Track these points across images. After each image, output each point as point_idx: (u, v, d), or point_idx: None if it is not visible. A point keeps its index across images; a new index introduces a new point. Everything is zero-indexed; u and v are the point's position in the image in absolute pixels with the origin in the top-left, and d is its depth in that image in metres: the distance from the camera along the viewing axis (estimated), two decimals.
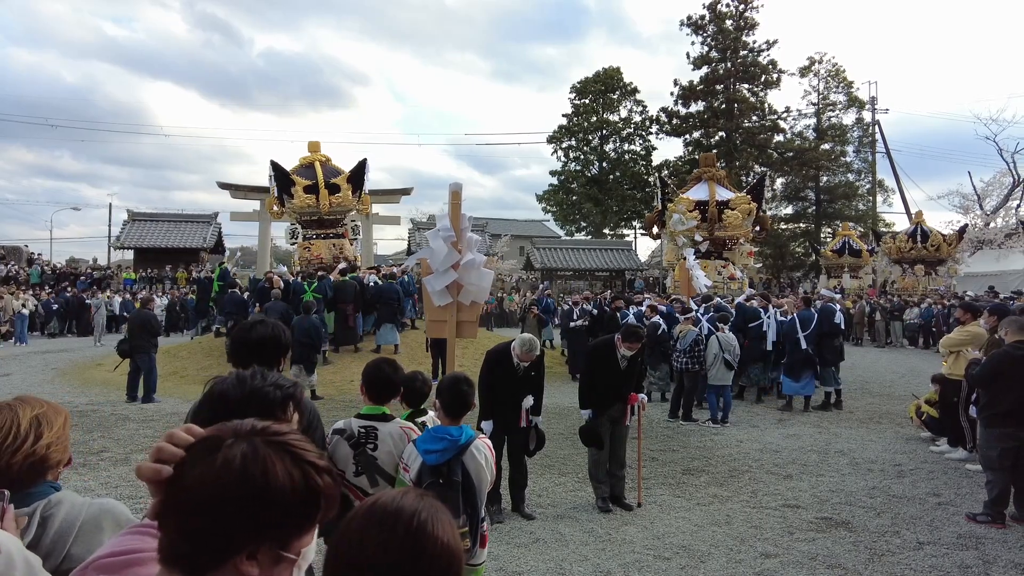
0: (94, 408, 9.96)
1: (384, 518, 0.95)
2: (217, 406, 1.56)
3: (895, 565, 4.64)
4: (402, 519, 0.95)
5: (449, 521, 0.98)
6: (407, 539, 0.93)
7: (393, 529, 0.94)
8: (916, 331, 21.19)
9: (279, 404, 1.59)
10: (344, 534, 0.96)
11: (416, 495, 1.00)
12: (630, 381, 5.94)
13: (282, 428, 1.00)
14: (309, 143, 16.43)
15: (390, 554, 0.92)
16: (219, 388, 1.61)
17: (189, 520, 0.89)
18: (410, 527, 0.94)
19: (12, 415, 1.61)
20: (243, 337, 2.60)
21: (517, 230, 45.77)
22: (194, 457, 0.94)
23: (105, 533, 1.57)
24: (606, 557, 4.76)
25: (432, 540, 0.94)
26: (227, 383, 1.62)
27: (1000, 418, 5.48)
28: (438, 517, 0.97)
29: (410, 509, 0.97)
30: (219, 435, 0.95)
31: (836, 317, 10.73)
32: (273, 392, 1.60)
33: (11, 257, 30.24)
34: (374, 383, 3.12)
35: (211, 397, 1.62)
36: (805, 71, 40.02)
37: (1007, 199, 32.57)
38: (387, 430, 3.10)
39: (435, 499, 1.02)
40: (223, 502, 0.88)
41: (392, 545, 0.93)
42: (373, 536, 0.94)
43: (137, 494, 5.98)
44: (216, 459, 0.91)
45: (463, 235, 5.29)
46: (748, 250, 18.01)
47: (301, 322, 10.95)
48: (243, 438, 0.94)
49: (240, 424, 0.98)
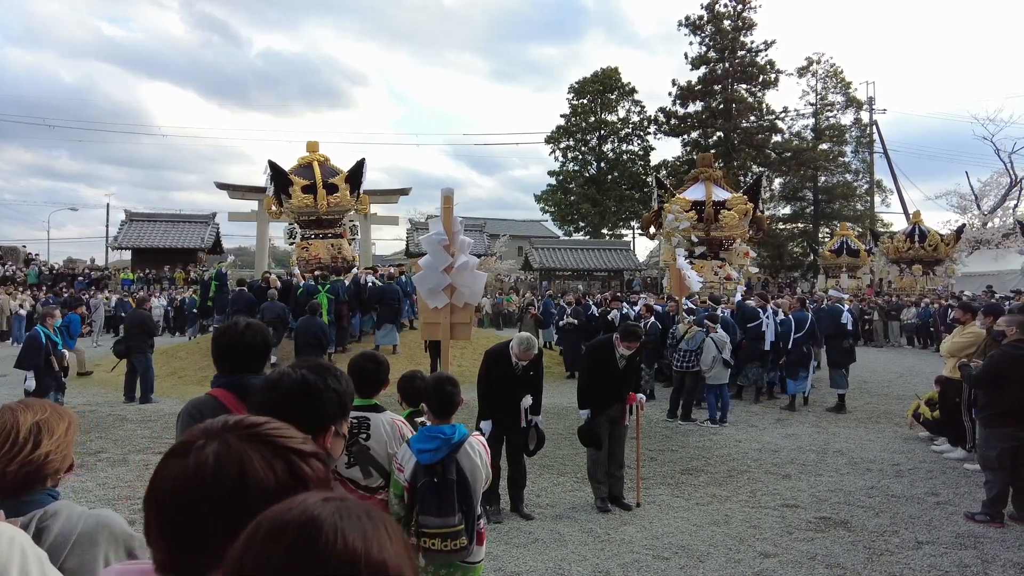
0: (92, 409, 9.94)
1: (269, 530, 0.75)
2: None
3: (894, 565, 4.64)
4: (289, 529, 0.74)
5: (370, 525, 0.75)
6: (293, 552, 0.72)
7: (276, 542, 0.74)
8: (914, 331, 21.22)
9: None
10: (230, 551, 0.77)
11: (318, 499, 0.78)
12: (628, 381, 5.94)
13: (257, 419, 0.96)
14: (307, 143, 16.42)
15: (270, 572, 0.73)
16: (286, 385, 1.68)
17: (173, 528, 0.87)
18: (298, 538, 0.73)
19: (12, 420, 1.57)
20: (233, 341, 2.51)
21: (515, 230, 45.77)
22: (166, 463, 0.91)
23: (100, 547, 1.54)
24: (605, 557, 4.76)
25: (330, 551, 0.71)
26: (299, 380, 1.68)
27: (999, 418, 5.48)
28: (344, 520, 0.74)
29: (300, 517, 0.74)
30: (188, 438, 0.92)
31: (843, 318, 10.53)
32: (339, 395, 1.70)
33: (8, 257, 30.16)
34: (357, 378, 3.12)
35: (264, 389, 1.69)
36: (803, 71, 40.11)
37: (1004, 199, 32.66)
38: (379, 420, 3.11)
39: (352, 501, 0.79)
40: (201, 504, 0.85)
41: (273, 562, 0.72)
42: (253, 553, 0.74)
43: (134, 495, 5.96)
44: (188, 462, 0.88)
45: (456, 238, 5.30)
46: (744, 250, 18.02)
47: (307, 323, 10.92)
48: (214, 436, 0.91)
49: (211, 423, 0.95)
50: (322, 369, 1.72)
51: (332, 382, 1.69)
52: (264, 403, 1.62)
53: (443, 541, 2.93)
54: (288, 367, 1.72)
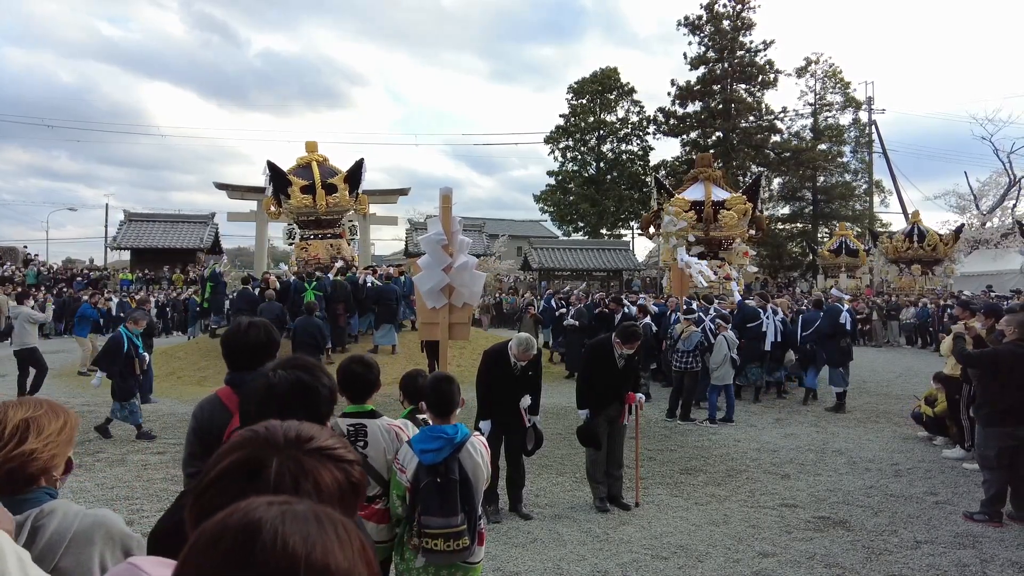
0: (90, 409, 9.92)
1: (210, 536, 0.72)
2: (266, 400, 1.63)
3: (893, 564, 4.64)
4: (227, 535, 0.71)
5: (316, 529, 0.72)
6: (230, 557, 0.69)
7: (214, 549, 0.71)
8: (912, 331, 21.24)
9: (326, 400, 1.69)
10: (177, 564, 0.75)
11: (263, 501, 0.75)
12: (627, 381, 5.94)
13: (312, 432, 0.98)
14: (306, 143, 16.41)
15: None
16: (269, 382, 1.67)
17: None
18: (235, 544, 0.70)
19: (3, 415, 1.56)
20: (238, 339, 2.66)
21: (514, 230, 45.75)
22: (230, 488, 0.88)
23: (96, 547, 1.53)
24: (604, 557, 4.76)
25: (268, 554, 0.68)
26: (279, 378, 1.68)
27: (999, 416, 5.48)
28: (287, 524, 0.71)
29: (240, 521, 0.72)
30: (257, 456, 0.92)
31: (842, 317, 10.67)
32: (322, 388, 1.69)
33: (7, 258, 30.15)
34: (345, 382, 3.12)
35: (260, 392, 1.67)
36: (802, 71, 40.12)
37: (1003, 199, 32.69)
38: (376, 427, 3.07)
39: (300, 504, 0.76)
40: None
41: (211, 567, 0.70)
42: (192, 560, 0.72)
43: (133, 495, 5.96)
44: (258, 482, 0.89)
45: (454, 238, 5.30)
46: (744, 250, 18.04)
47: (303, 322, 10.90)
48: (283, 453, 0.93)
49: (271, 436, 0.95)
50: (311, 367, 1.74)
51: (323, 379, 1.72)
52: (262, 406, 1.62)
53: (446, 541, 2.92)
54: (278, 368, 1.72)
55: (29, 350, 10.53)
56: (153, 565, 1.10)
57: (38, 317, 11.02)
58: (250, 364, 2.64)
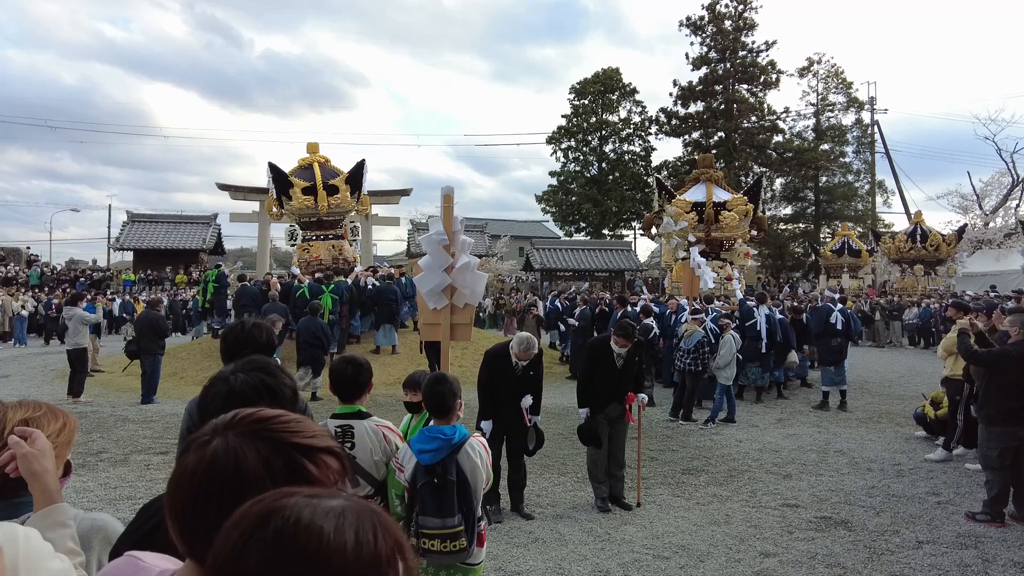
0: (93, 409, 9.95)
1: (254, 519, 0.74)
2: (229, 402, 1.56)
3: (894, 564, 4.63)
4: (274, 518, 0.73)
5: (365, 522, 0.74)
6: (275, 544, 0.71)
7: (258, 531, 0.72)
8: (915, 331, 21.21)
9: (289, 399, 1.62)
10: (218, 541, 0.76)
11: (308, 492, 0.77)
12: (627, 380, 5.92)
13: (270, 413, 0.96)
14: (308, 144, 16.44)
15: (249, 561, 0.71)
16: (229, 387, 1.60)
17: (181, 521, 0.91)
18: (283, 529, 0.72)
19: (2, 415, 1.56)
20: (238, 338, 2.67)
21: (516, 231, 45.74)
22: (180, 458, 0.95)
23: (94, 552, 1.53)
24: (605, 557, 4.76)
25: (313, 544, 0.71)
26: (238, 381, 1.61)
27: (1001, 416, 5.47)
28: (340, 519, 0.73)
29: (288, 507, 0.74)
30: (198, 433, 0.95)
31: (832, 317, 10.88)
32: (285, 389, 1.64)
33: (11, 259, 30.24)
34: (335, 383, 3.12)
35: (221, 396, 1.60)
36: (804, 72, 40.09)
37: (1006, 199, 32.60)
38: (363, 428, 3.07)
39: (355, 500, 0.78)
40: (203, 500, 0.88)
41: (254, 551, 0.71)
42: (232, 540, 0.73)
43: (136, 495, 5.97)
44: (189, 458, 0.91)
45: (456, 238, 5.31)
46: (745, 251, 18.03)
47: (307, 323, 10.90)
48: (219, 432, 0.93)
49: (222, 417, 0.96)
50: (271, 368, 1.67)
51: (284, 379, 1.66)
52: (224, 410, 1.57)
53: (442, 542, 2.91)
54: (238, 371, 1.63)
55: (81, 350, 10.84)
56: (153, 557, 1.11)
57: (89, 318, 11.23)
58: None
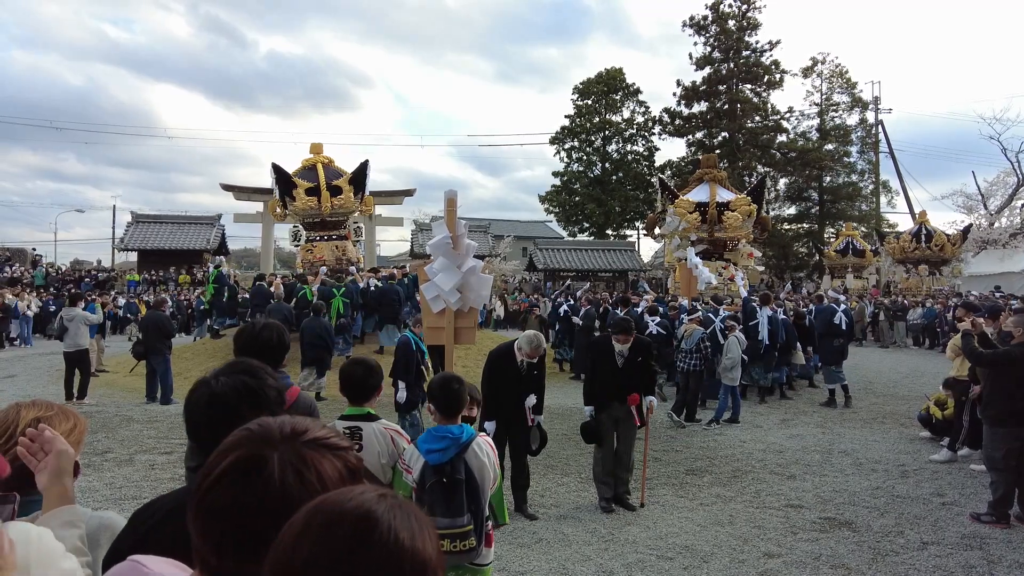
0: (98, 409, 9.99)
1: (325, 519, 0.77)
2: (215, 407, 1.54)
3: (899, 565, 4.63)
4: (347, 519, 0.77)
5: (416, 523, 0.79)
6: (349, 543, 0.75)
7: (332, 532, 0.76)
8: (919, 331, 21.14)
9: (276, 402, 1.59)
10: (280, 538, 0.79)
11: (373, 493, 0.81)
12: (630, 378, 5.88)
13: (306, 425, 0.99)
14: (311, 145, 16.48)
15: (325, 561, 0.75)
16: (214, 390, 1.57)
17: (239, 539, 0.90)
18: (356, 529, 0.76)
19: (15, 415, 1.59)
20: (251, 339, 2.69)
21: (520, 231, 45.74)
22: (234, 478, 0.92)
23: (101, 549, 1.53)
24: (609, 557, 4.76)
25: (383, 545, 0.75)
26: (222, 385, 1.58)
27: (1005, 417, 5.45)
28: (397, 517, 0.78)
29: (358, 508, 0.78)
30: (251, 451, 0.94)
31: (836, 318, 10.94)
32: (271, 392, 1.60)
33: (16, 259, 30.37)
34: (345, 384, 3.12)
35: (203, 401, 1.57)
36: (808, 71, 39.93)
37: (1011, 199, 32.42)
38: (371, 430, 3.07)
39: (400, 499, 0.83)
40: (281, 516, 0.86)
41: (329, 551, 0.75)
42: (308, 541, 0.76)
43: (140, 495, 5.99)
44: (264, 476, 0.91)
45: (459, 241, 5.34)
46: (748, 251, 18.00)
47: (311, 324, 10.90)
48: (281, 447, 0.94)
49: (266, 432, 0.96)
50: (254, 370, 1.64)
51: (268, 380, 1.62)
52: (208, 415, 1.53)
53: (452, 542, 2.92)
54: (219, 375, 1.61)
55: (81, 352, 10.71)
56: (156, 562, 1.12)
57: (92, 319, 11.19)
58: (265, 362, 2.68)
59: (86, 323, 10.80)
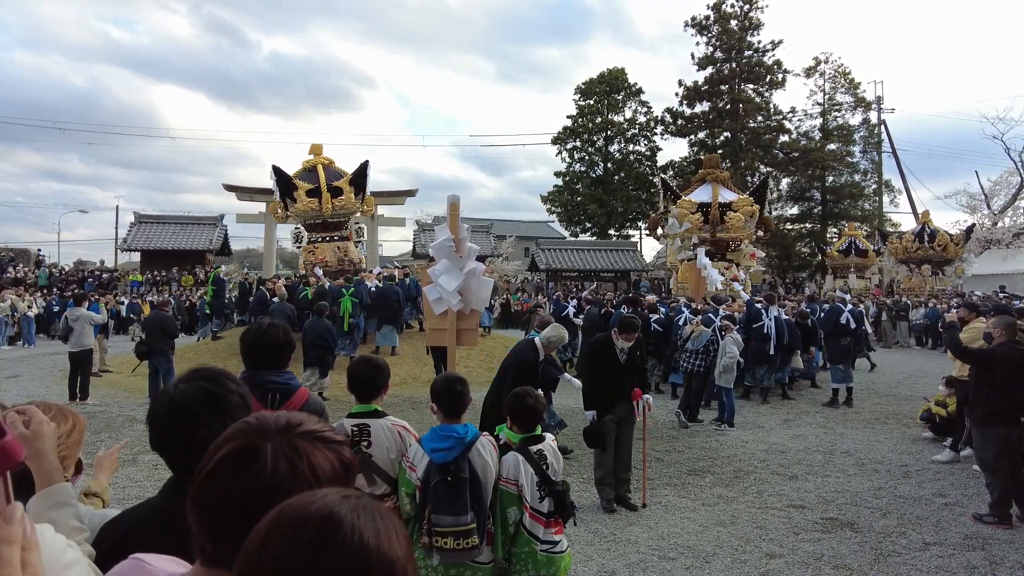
0: (102, 409, 10.01)
1: (291, 523, 0.78)
2: (176, 413, 1.51)
3: (901, 566, 4.62)
4: (311, 522, 0.77)
5: (381, 523, 0.79)
6: (314, 546, 0.75)
7: (297, 535, 0.77)
8: (922, 331, 21.10)
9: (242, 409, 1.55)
10: (247, 542, 0.79)
11: (336, 494, 0.81)
12: (632, 376, 5.91)
13: (300, 418, 1.02)
14: (311, 146, 16.49)
15: (291, 564, 0.75)
16: (176, 396, 1.55)
17: (238, 527, 0.90)
18: (320, 531, 0.76)
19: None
20: (257, 338, 2.76)
21: (522, 231, 45.75)
22: (231, 466, 0.95)
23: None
24: (611, 557, 4.76)
25: (347, 546, 0.75)
26: (185, 391, 1.55)
27: (991, 418, 5.44)
28: (361, 518, 0.78)
29: (321, 510, 0.78)
30: (247, 441, 0.97)
31: (842, 317, 10.96)
32: (235, 398, 1.57)
33: (19, 259, 30.45)
34: (353, 382, 3.14)
35: (164, 409, 1.54)
36: (810, 71, 39.87)
37: (1015, 198, 32.32)
38: (379, 426, 3.10)
39: (366, 499, 0.83)
40: (274, 503, 0.88)
41: (295, 554, 0.75)
42: (274, 544, 0.77)
43: (144, 495, 6.01)
44: (257, 465, 0.94)
45: (462, 245, 5.37)
46: (751, 252, 17.98)
47: (313, 325, 10.92)
48: (276, 438, 0.97)
49: (262, 424, 0.99)
50: (216, 376, 1.61)
51: (230, 386, 1.59)
52: (168, 423, 1.50)
53: (455, 540, 2.95)
54: (179, 383, 1.59)
55: (86, 351, 10.76)
56: (159, 560, 1.13)
57: (97, 319, 11.22)
58: (266, 363, 2.75)
59: (91, 323, 10.85)
